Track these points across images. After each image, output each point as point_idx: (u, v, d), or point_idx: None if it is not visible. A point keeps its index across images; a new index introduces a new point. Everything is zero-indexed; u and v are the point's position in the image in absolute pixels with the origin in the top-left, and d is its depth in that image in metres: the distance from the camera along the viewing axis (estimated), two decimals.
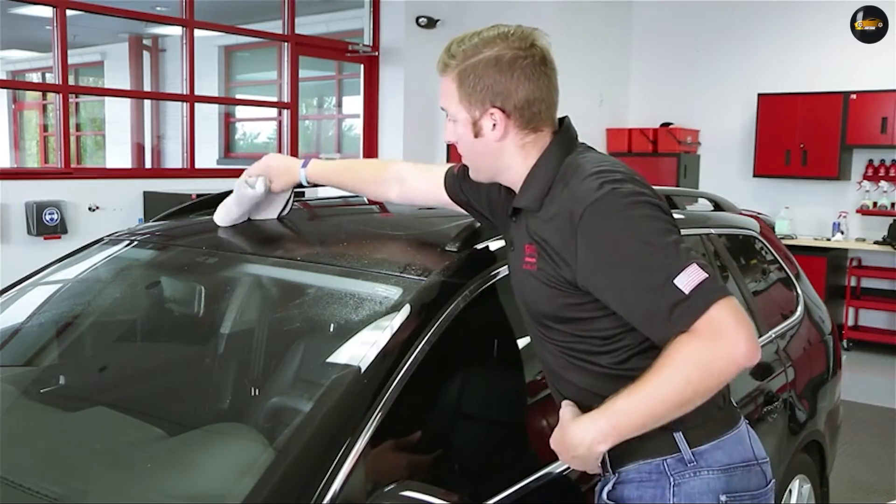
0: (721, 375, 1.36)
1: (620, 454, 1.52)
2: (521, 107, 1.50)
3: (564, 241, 1.44)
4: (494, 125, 1.52)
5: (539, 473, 1.72)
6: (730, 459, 1.53)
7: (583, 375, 1.54)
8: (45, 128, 12.92)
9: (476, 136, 1.54)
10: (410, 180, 1.96)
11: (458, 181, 1.83)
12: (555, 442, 1.50)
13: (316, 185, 2.15)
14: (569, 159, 1.53)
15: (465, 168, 1.71)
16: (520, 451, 1.84)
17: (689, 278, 1.33)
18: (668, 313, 1.34)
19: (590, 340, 1.51)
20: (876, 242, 7.02)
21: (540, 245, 1.50)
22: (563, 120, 1.61)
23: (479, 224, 1.87)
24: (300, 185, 2.12)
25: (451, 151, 8.23)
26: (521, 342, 1.90)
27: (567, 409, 1.50)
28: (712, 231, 2.78)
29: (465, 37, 1.54)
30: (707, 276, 1.34)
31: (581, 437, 1.42)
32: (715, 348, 1.32)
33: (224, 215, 2.17)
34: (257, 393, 1.98)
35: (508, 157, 1.56)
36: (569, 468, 1.72)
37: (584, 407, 1.48)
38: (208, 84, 9.86)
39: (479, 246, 1.86)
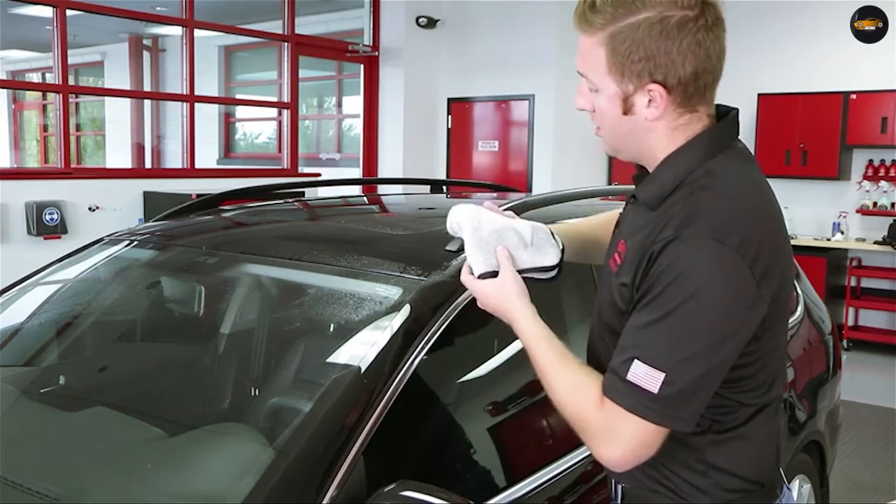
0: (580, 435, 1.26)
1: (634, 496, 1.40)
2: (687, 82, 1.22)
3: (643, 248, 1.24)
4: (650, 102, 1.24)
5: (539, 473, 1.72)
6: None
7: None
8: (45, 128, 12.93)
9: (625, 112, 1.26)
10: None
11: None
12: (484, 297, 1.39)
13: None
14: (709, 164, 1.26)
15: None
16: (520, 451, 1.84)
17: (640, 375, 1.17)
18: (613, 366, 1.22)
19: None
20: (876, 242, 7.02)
21: (630, 249, 1.28)
22: (729, 111, 1.33)
23: None
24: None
25: (452, 150, 8.24)
26: (521, 342, 1.90)
27: (520, 281, 1.36)
28: None
29: None
30: (653, 392, 1.16)
31: (516, 313, 1.35)
32: (592, 427, 1.22)
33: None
34: (257, 393, 1.98)
35: (656, 140, 1.29)
36: (569, 468, 1.73)
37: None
38: (208, 84, 9.86)
39: None
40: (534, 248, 1.43)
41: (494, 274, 1.39)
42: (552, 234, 1.46)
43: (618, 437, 1.20)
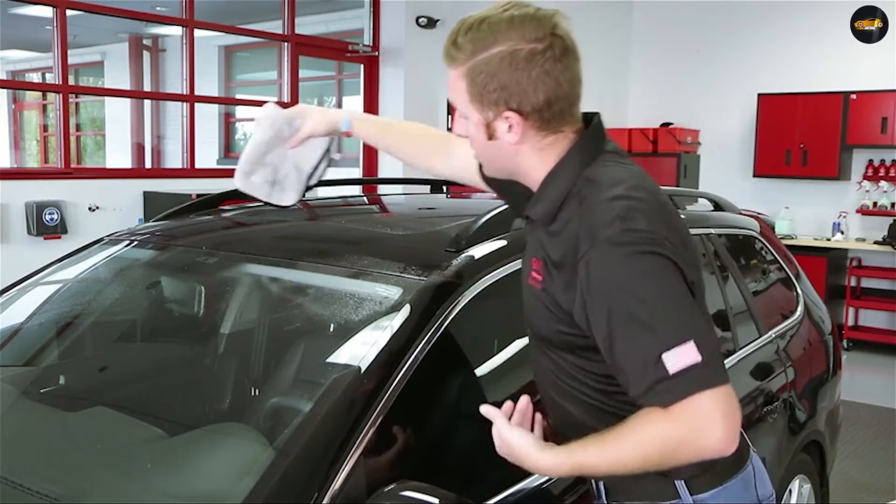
0: (684, 460, 1.25)
1: (618, 489, 1.48)
2: (541, 108, 1.32)
3: (567, 267, 1.32)
4: (510, 128, 1.34)
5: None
6: None
7: (587, 411, 1.44)
8: (45, 128, 12.92)
9: (490, 138, 1.37)
10: (458, 152, 1.76)
11: None
12: (508, 456, 1.41)
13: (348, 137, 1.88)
14: (588, 171, 1.36)
15: None
16: None
17: (678, 358, 1.20)
18: (648, 386, 1.22)
19: (595, 377, 1.40)
20: (876, 242, 7.02)
21: (545, 263, 1.37)
22: (591, 118, 1.43)
23: (478, 224, 1.86)
24: (336, 138, 1.88)
25: None
26: (521, 342, 1.90)
27: (521, 437, 1.38)
28: (712, 231, 2.78)
29: (473, 22, 1.33)
30: (699, 359, 1.20)
31: (540, 468, 1.37)
32: (683, 436, 1.22)
33: (245, 179, 1.84)
34: (257, 393, 1.98)
35: (525, 161, 1.39)
36: None
37: (571, 433, 1.39)
38: (208, 84, 9.86)
39: (480, 246, 1.85)
40: (278, 185, 1.74)
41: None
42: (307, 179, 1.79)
43: (706, 423, 1.21)
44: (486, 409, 1.41)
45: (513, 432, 1.38)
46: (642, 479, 1.39)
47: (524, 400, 1.45)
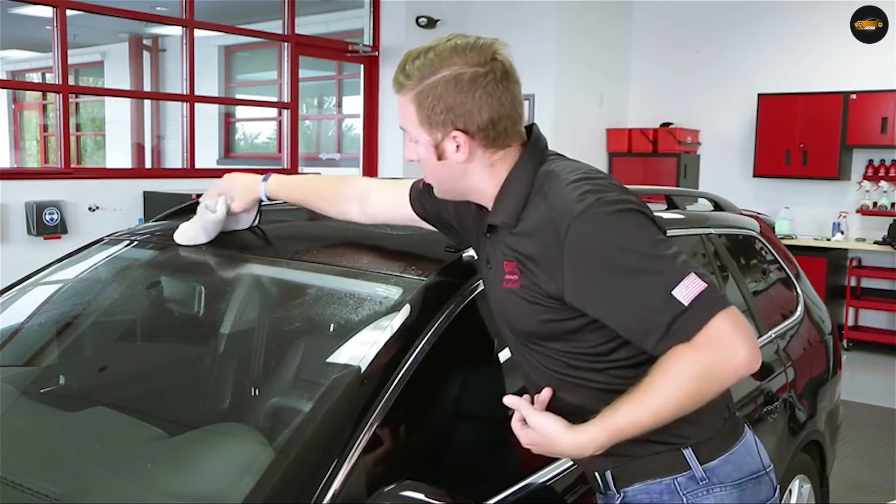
0: (720, 384, 1.33)
1: (626, 473, 1.49)
2: (486, 127, 1.42)
3: (549, 255, 1.37)
4: (458, 147, 1.44)
5: (539, 473, 1.72)
6: (740, 473, 1.49)
7: (577, 394, 1.47)
8: (45, 128, 12.92)
9: (439, 158, 1.46)
10: (373, 198, 1.88)
11: (422, 196, 1.74)
12: (537, 446, 1.43)
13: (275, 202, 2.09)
14: (543, 169, 1.46)
15: (429, 184, 1.62)
16: (520, 452, 1.83)
17: (687, 289, 1.29)
18: (666, 326, 1.29)
19: (583, 357, 1.45)
20: (876, 242, 7.02)
21: (520, 261, 1.43)
22: (530, 129, 1.52)
23: None
24: (262, 203, 2.08)
25: None
26: None
27: (552, 421, 1.40)
28: (712, 231, 2.78)
29: (420, 52, 1.43)
30: (706, 285, 1.30)
31: (576, 447, 1.37)
32: (713, 359, 1.29)
33: (187, 240, 2.09)
34: (257, 393, 1.98)
35: (476, 177, 1.48)
36: (569, 468, 1.73)
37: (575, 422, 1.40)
38: (208, 84, 9.86)
39: None
40: (234, 218, 2.07)
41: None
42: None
43: (731, 342, 1.29)
44: (509, 399, 1.45)
45: (541, 417, 1.41)
46: (650, 457, 1.43)
47: (547, 391, 1.48)
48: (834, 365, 3.23)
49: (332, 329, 1.84)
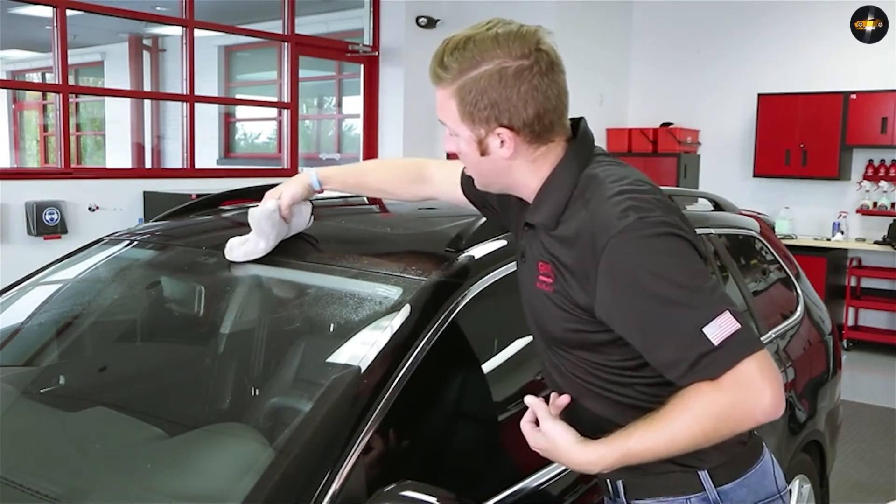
0: (738, 427, 1.28)
1: (638, 486, 1.47)
2: (531, 122, 1.36)
3: (584, 267, 1.32)
4: (503, 143, 1.38)
5: (539, 473, 1.72)
6: (755, 497, 1.47)
7: (603, 405, 1.43)
8: (45, 128, 12.92)
9: (482, 154, 1.40)
10: (436, 179, 1.84)
11: (470, 182, 1.67)
12: (545, 452, 1.41)
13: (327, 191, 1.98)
14: (587, 172, 1.39)
15: None
16: (520, 452, 1.83)
17: (719, 328, 1.23)
18: (693, 362, 1.25)
19: (609, 370, 1.41)
20: (876, 242, 7.02)
21: (556, 266, 1.38)
22: (577, 124, 1.46)
23: (478, 224, 1.87)
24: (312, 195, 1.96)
25: (451, 155, 8.24)
26: (521, 342, 1.90)
27: (565, 432, 1.37)
28: (712, 231, 2.78)
29: (459, 42, 1.36)
30: (739, 326, 1.24)
31: (584, 463, 1.34)
32: (735, 401, 1.24)
33: (244, 255, 1.94)
34: (257, 393, 1.98)
35: (519, 174, 1.43)
36: (569, 470, 1.73)
37: (595, 434, 1.36)
38: (208, 84, 9.86)
39: (479, 246, 1.85)
40: (250, 242, 1.92)
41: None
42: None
43: (756, 388, 1.24)
44: (530, 399, 1.42)
45: (556, 426, 1.38)
46: (665, 474, 1.41)
47: (565, 398, 1.45)
48: (834, 365, 3.23)
49: (332, 329, 1.84)
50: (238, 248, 1.95)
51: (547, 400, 1.45)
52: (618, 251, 1.28)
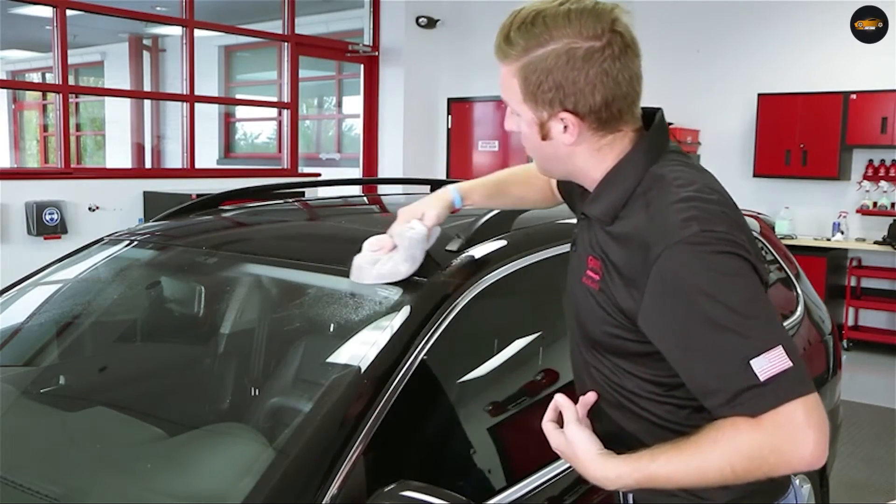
0: (771, 471, 1.17)
1: (647, 502, 1.41)
2: (598, 109, 1.25)
3: (633, 271, 1.23)
4: (566, 128, 1.28)
5: (539, 474, 1.72)
6: None
7: (628, 418, 1.36)
8: (45, 128, 12.93)
9: (544, 138, 1.30)
10: (552, 182, 1.71)
11: None
12: (564, 456, 1.34)
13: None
14: (654, 170, 1.29)
15: None
16: (520, 452, 1.84)
17: (769, 363, 1.13)
18: (734, 395, 1.15)
19: (643, 383, 1.32)
20: (876, 242, 7.02)
21: (605, 263, 1.29)
22: (653, 115, 1.36)
23: (478, 224, 1.86)
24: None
25: (452, 150, 8.24)
26: (521, 342, 1.90)
27: (588, 441, 1.29)
28: None
29: (527, 17, 1.24)
30: (791, 365, 1.13)
31: (601, 478, 1.26)
32: (773, 445, 1.13)
33: (391, 275, 1.70)
34: (257, 393, 1.98)
35: (581, 161, 1.32)
36: (569, 468, 1.73)
37: (614, 445, 1.29)
38: (208, 84, 9.86)
39: (479, 246, 1.85)
40: (379, 263, 1.69)
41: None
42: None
43: (799, 434, 1.13)
44: (561, 400, 1.34)
45: (582, 434, 1.30)
46: (676, 496, 1.33)
47: (592, 395, 1.38)
48: (834, 365, 3.22)
49: (332, 329, 1.84)
50: (369, 269, 1.70)
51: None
52: (673, 262, 1.18)
